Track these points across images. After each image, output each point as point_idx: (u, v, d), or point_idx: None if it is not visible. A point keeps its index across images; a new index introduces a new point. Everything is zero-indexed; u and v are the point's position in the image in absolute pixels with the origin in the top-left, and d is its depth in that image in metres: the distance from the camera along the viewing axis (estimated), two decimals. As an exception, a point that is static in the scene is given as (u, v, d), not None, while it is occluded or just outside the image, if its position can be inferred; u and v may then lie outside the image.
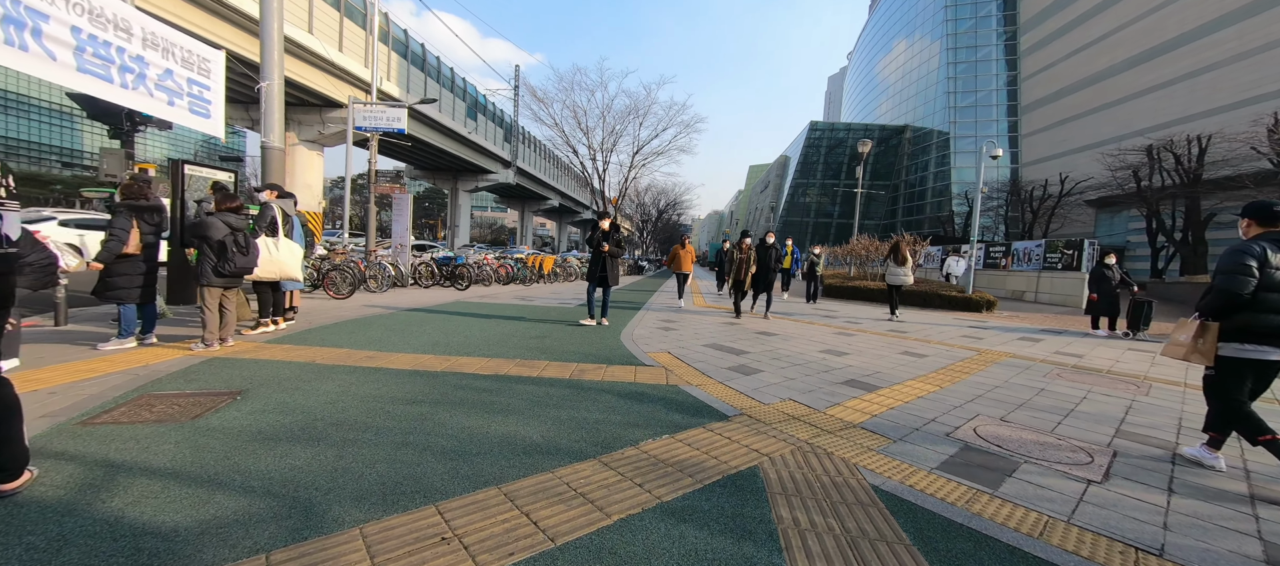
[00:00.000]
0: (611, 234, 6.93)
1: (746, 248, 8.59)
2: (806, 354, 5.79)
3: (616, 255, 7.01)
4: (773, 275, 8.85)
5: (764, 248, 8.77)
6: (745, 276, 8.54)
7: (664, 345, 5.90)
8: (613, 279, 7.04)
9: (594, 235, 7.00)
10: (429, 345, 5.27)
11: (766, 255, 8.70)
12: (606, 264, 6.92)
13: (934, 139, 50.92)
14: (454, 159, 36.92)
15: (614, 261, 7.04)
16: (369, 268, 10.08)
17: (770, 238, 8.88)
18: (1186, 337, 2.96)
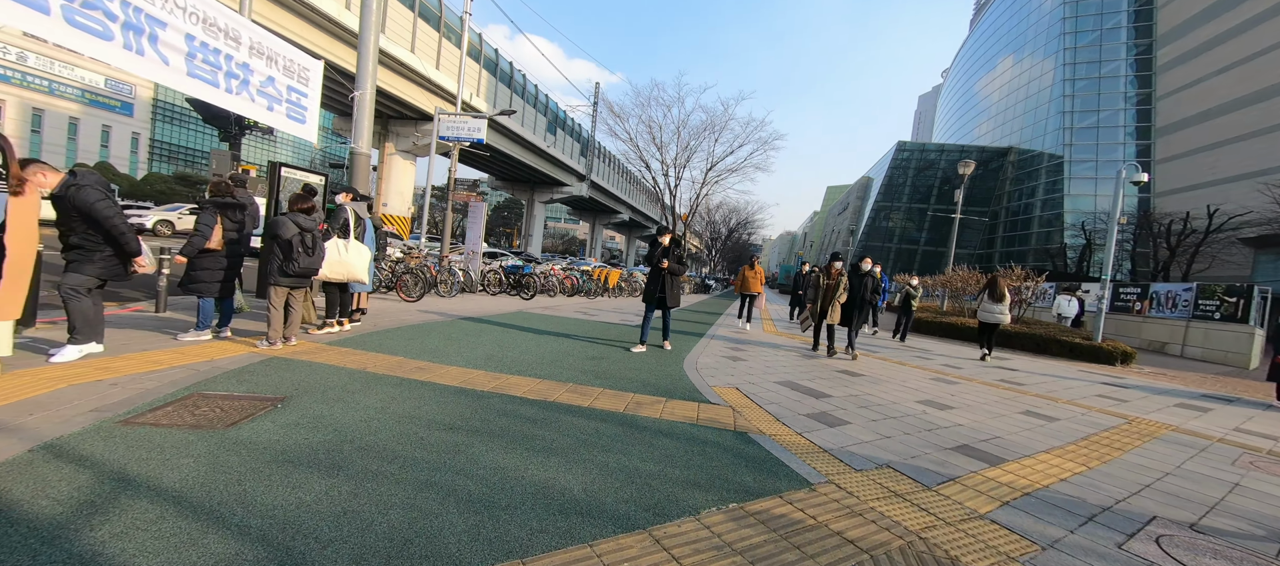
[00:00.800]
0: (673, 250, 6.30)
1: (836, 273, 7.37)
2: (901, 403, 4.92)
3: (678, 273, 6.36)
4: (866, 307, 7.74)
5: (857, 274, 7.69)
6: (831, 306, 7.28)
7: (731, 379, 5.28)
8: (673, 300, 6.37)
9: (654, 251, 6.37)
10: (483, 359, 5.04)
11: (860, 283, 7.59)
12: (666, 283, 6.28)
13: (1044, 162, 45.81)
14: (531, 171, 38.38)
15: (675, 281, 6.39)
16: (440, 273, 10.32)
17: (867, 263, 7.82)
18: None
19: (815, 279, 7.58)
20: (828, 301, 7.29)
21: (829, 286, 7.34)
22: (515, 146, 33.02)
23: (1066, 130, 43.61)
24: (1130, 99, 41.62)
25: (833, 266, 7.43)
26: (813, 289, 7.57)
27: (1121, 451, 4.08)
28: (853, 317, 7.57)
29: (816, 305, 7.44)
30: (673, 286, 6.32)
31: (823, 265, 7.83)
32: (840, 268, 7.40)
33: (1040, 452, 3.80)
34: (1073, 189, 42.18)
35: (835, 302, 7.20)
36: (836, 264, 7.42)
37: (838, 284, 7.28)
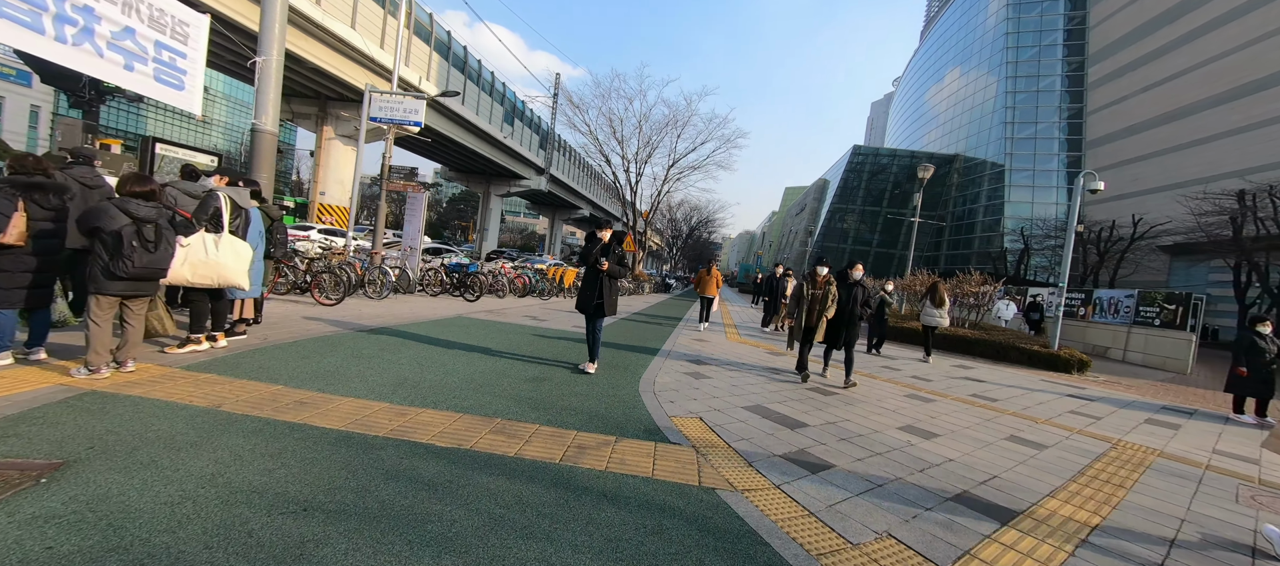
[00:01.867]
0: (612, 248, 5.28)
1: (822, 281, 6.15)
2: (883, 431, 4.35)
3: (618, 276, 5.30)
4: (857, 324, 6.33)
5: (846, 284, 6.31)
6: (818, 321, 6.06)
7: (694, 405, 4.57)
8: (609, 308, 5.30)
9: (590, 248, 5.23)
10: (391, 386, 4.10)
11: (849, 295, 6.23)
12: (604, 288, 5.19)
13: (987, 170, 48.12)
14: (487, 163, 36.69)
15: (614, 285, 5.33)
16: (369, 271, 9.14)
17: (857, 271, 6.41)
18: None
19: (797, 289, 6.36)
20: (814, 316, 6.10)
21: (814, 297, 6.14)
22: (469, 136, 31.32)
23: (1007, 140, 45.89)
24: (1064, 112, 44.23)
25: (818, 274, 6.21)
26: (794, 300, 6.32)
27: (1123, 488, 3.64)
28: (841, 336, 6.24)
29: (799, 320, 6.18)
30: (611, 291, 5.28)
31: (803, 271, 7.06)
32: (826, 275, 6.20)
33: (1045, 499, 3.28)
34: (1012, 196, 44.45)
35: (823, 317, 6.05)
36: (821, 270, 6.21)
37: (825, 295, 6.05)
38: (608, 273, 5.18)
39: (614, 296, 5.37)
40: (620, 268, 5.32)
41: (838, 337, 6.27)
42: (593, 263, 5.17)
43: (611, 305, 5.30)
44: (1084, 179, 10.07)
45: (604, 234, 5.32)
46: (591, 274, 5.24)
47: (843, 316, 6.21)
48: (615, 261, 5.26)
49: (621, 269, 5.33)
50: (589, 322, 5.45)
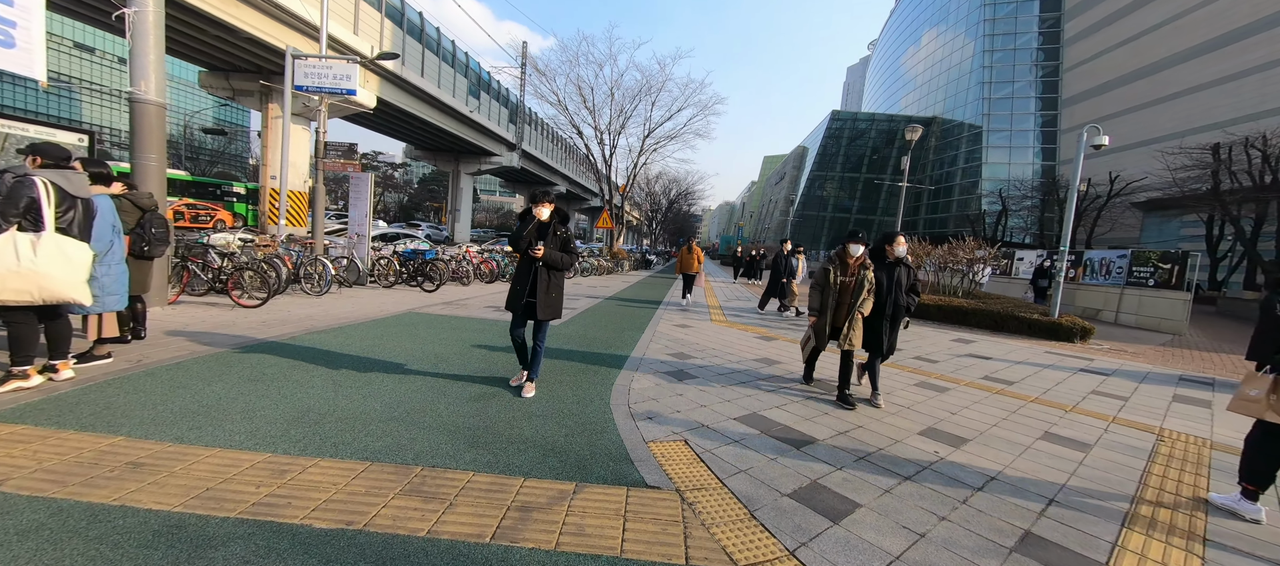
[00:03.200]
0: (554, 229, 3.99)
1: (856, 264, 4.46)
2: (904, 440, 3.61)
3: (562, 266, 4.03)
4: (901, 316, 4.57)
5: (885, 265, 4.53)
6: (850, 320, 4.40)
7: (677, 421, 3.74)
8: (548, 309, 3.97)
9: (523, 228, 3.96)
10: (287, 421, 3.16)
11: (891, 282, 4.46)
12: (539, 282, 3.91)
13: (964, 133, 47.92)
14: (454, 139, 34.82)
15: (556, 278, 4.04)
16: (304, 264, 8.03)
17: (900, 244, 4.55)
18: (1258, 392, 2.78)
19: (820, 275, 4.57)
20: (844, 314, 4.44)
21: (846, 286, 4.44)
22: (432, 110, 29.42)
23: (985, 100, 45.63)
24: (1041, 70, 43.99)
25: (850, 253, 4.44)
26: (816, 291, 4.60)
27: (1200, 509, 2.97)
28: (883, 339, 4.47)
29: (825, 318, 4.52)
30: (550, 286, 3.97)
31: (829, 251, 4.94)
32: (862, 255, 4.47)
33: (1126, 531, 2.57)
34: (990, 157, 44.43)
35: (856, 314, 4.37)
36: (856, 249, 4.43)
37: (860, 282, 4.37)
38: (545, 261, 3.90)
39: (556, 294, 4.03)
40: (565, 255, 4.02)
41: (880, 342, 4.46)
42: (525, 248, 3.89)
43: (550, 305, 3.98)
44: (1087, 132, 9.42)
45: (541, 209, 3.94)
46: (524, 263, 3.97)
47: (883, 312, 4.44)
48: (557, 247, 3.97)
49: (566, 257, 4.02)
50: (516, 325, 4.04)
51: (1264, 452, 2.81)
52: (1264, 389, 2.75)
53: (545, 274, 3.95)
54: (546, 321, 4.08)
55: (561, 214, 4.04)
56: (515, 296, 3.97)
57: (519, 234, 3.95)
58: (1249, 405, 2.81)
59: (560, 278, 4.10)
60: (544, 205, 3.97)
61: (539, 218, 3.96)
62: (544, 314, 3.98)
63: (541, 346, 4.16)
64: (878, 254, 4.63)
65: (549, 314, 4.00)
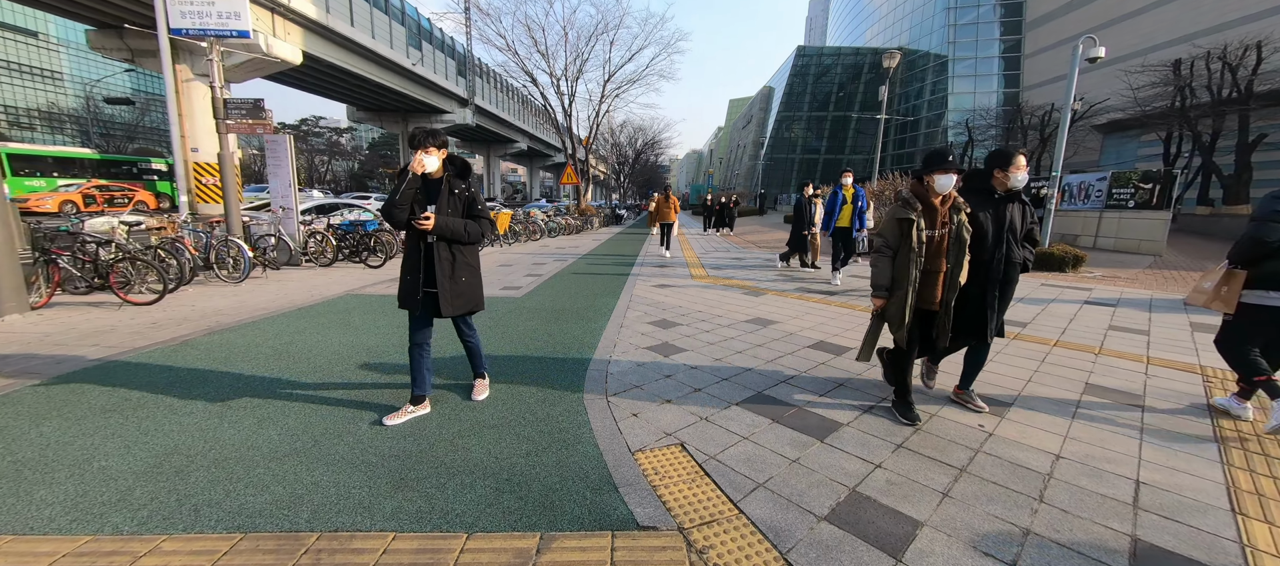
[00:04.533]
0: (451, 184, 2.78)
1: (949, 209, 2.72)
2: (940, 411, 2.99)
3: (465, 238, 2.80)
4: (1015, 280, 2.95)
5: (995, 200, 2.83)
6: (948, 296, 2.80)
7: (668, 415, 3.02)
8: (460, 299, 2.85)
9: (401, 186, 2.67)
10: (128, 481, 2.29)
11: (1004, 225, 2.79)
12: (437, 266, 2.75)
13: (930, 63, 47.22)
14: (399, 97, 32.17)
15: (462, 258, 2.84)
16: (215, 247, 6.84)
17: (1018, 168, 2.76)
18: (1211, 285, 3.03)
19: (894, 224, 2.79)
20: (940, 287, 2.78)
21: (937, 243, 2.73)
22: (368, 64, 26.75)
23: (950, 27, 44.77)
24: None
25: (934, 188, 2.70)
26: (888, 256, 2.83)
27: (1307, 470, 2.46)
28: (989, 318, 2.90)
29: (905, 299, 2.76)
30: (457, 268, 2.80)
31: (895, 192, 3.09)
32: (953, 193, 2.74)
33: (1254, 533, 2.01)
34: (956, 87, 44.08)
35: (953, 281, 2.77)
36: (944, 180, 2.67)
37: (956, 235, 2.71)
38: (438, 234, 2.70)
39: (467, 277, 2.86)
40: (471, 222, 2.80)
41: (984, 323, 2.88)
42: (403, 213, 2.65)
43: (461, 294, 2.82)
44: (1082, 44, 8.77)
45: (424, 158, 2.63)
46: (413, 240, 2.79)
47: (990, 275, 2.81)
48: (459, 210, 2.76)
49: (473, 224, 2.80)
50: (417, 329, 2.88)
51: (1231, 347, 3.04)
52: (1215, 281, 3.02)
53: (446, 252, 2.76)
54: (468, 316, 3.01)
55: (459, 164, 2.84)
56: (407, 289, 2.79)
57: (394, 198, 2.63)
58: (1199, 295, 3.11)
59: (471, 254, 2.90)
60: (429, 151, 2.64)
61: (420, 171, 2.63)
62: (453, 308, 2.81)
63: (475, 340, 3.15)
64: (975, 185, 2.89)
65: (462, 306, 2.86)
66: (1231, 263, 2.94)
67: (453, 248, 2.79)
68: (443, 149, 2.76)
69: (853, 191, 7.63)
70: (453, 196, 2.76)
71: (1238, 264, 2.90)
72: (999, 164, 2.82)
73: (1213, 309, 3.00)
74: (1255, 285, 2.85)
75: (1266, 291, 2.82)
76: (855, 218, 7.63)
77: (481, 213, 2.85)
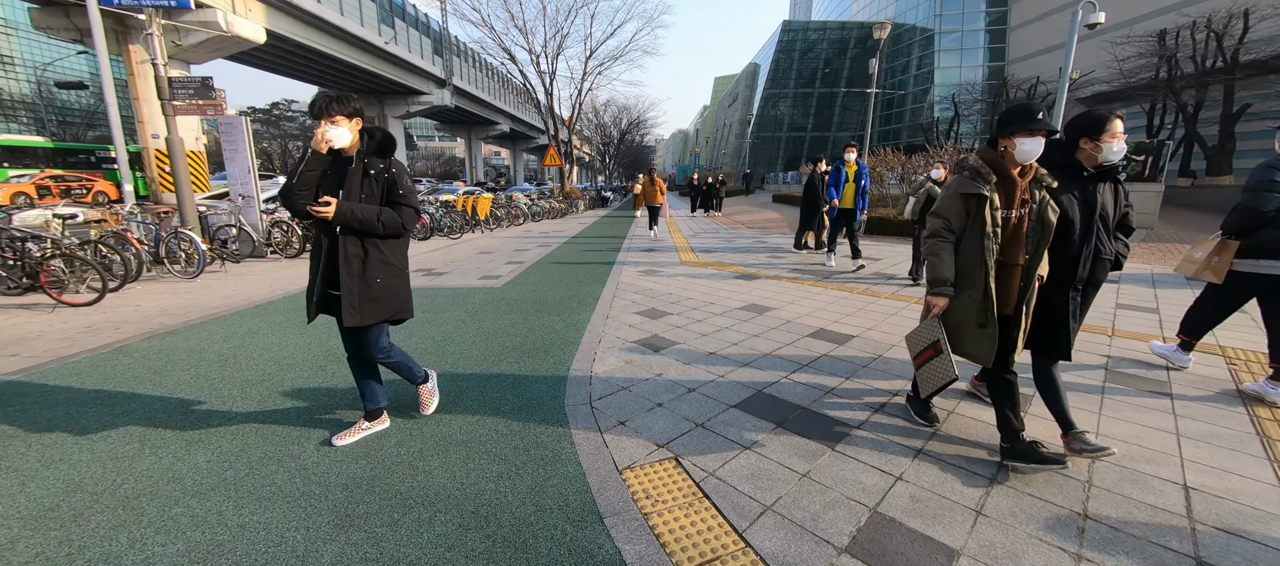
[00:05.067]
0: (362, 169, 2.21)
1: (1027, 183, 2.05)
2: (960, 409, 2.72)
3: (380, 231, 2.22)
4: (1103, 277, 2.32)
5: (1082, 179, 2.14)
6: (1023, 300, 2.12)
7: (660, 424, 2.69)
8: (366, 306, 2.25)
9: (300, 168, 2.11)
10: (13, 529, 1.91)
11: (1094, 209, 2.14)
12: (341, 264, 2.19)
13: (916, 37, 46.75)
14: (373, 77, 30.92)
15: (376, 255, 2.26)
16: (165, 240, 6.31)
17: (1113, 135, 2.06)
18: (1202, 255, 3.04)
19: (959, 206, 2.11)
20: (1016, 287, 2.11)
21: (1014, 226, 2.05)
22: (339, 44, 25.54)
23: (936, 0, 44.21)
24: (991, -36, 42.65)
25: (1015, 156, 2.00)
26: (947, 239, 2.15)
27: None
28: (1070, 326, 2.22)
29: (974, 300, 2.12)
30: (368, 268, 2.25)
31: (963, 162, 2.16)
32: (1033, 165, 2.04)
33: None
34: (942, 61, 43.77)
35: (1031, 277, 2.09)
36: (1029, 145, 1.95)
37: (1041, 217, 2.03)
38: (341, 224, 2.16)
39: (383, 279, 2.28)
40: (389, 211, 2.23)
41: (1065, 334, 2.23)
42: (301, 204, 2.14)
43: (374, 300, 2.26)
44: (1082, 10, 8.47)
45: (327, 131, 2.09)
46: (319, 236, 2.26)
47: (1075, 272, 2.17)
48: (377, 195, 2.22)
49: (392, 214, 2.24)
50: (352, 344, 2.42)
51: (1204, 314, 3.21)
52: (1206, 251, 3.04)
53: (355, 246, 2.20)
54: (373, 328, 2.34)
55: (380, 139, 2.27)
56: (309, 293, 2.32)
57: (292, 181, 2.10)
58: (1190, 265, 3.11)
59: (393, 250, 2.31)
60: (336, 120, 2.09)
61: (324, 147, 2.07)
62: (360, 314, 2.21)
63: (392, 356, 2.52)
64: (1054, 160, 2.16)
65: (375, 314, 2.26)
66: (1225, 233, 2.97)
67: (365, 242, 2.24)
68: (355, 119, 2.20)
69: (856, 168, 6.96)
70: (367, 179, 2.22)
71: (1232, 234, 2.93)
72: (1087, 131, 2.11)
73: (1202, 278, 3.05)
74: (1248, 254, 2.89)
75: (1258, 260, 2.86)
76: (858, 197, 6.97)
77: (404, 199, 2.27)
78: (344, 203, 2.15)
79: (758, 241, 10.34)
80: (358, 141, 2.24)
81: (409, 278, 2.47)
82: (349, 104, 2.17)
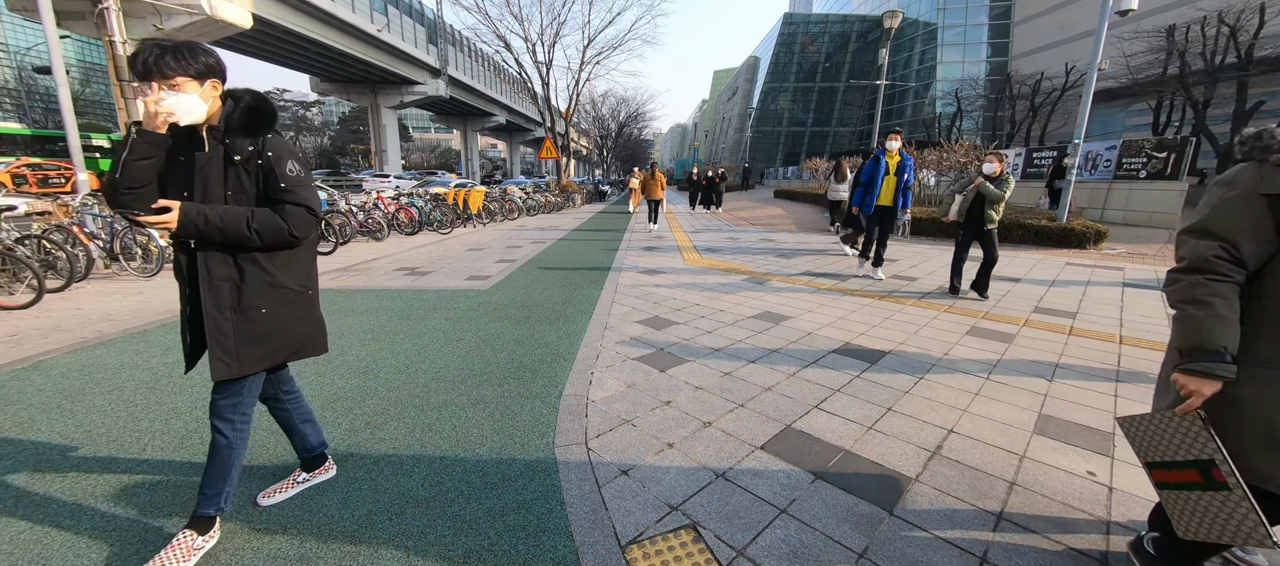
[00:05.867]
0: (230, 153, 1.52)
1: None
2: (1034, 451, 2.24)
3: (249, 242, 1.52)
4: None
5: None
6: None
7: (671, 477, 2.20)
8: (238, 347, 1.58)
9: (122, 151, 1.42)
10: None
11: None
12: (201, 284, 1.53)
13: (919, 31, 46.16)
14: (366, 66, 30.21)
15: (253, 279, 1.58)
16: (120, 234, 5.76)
17: None
18: None
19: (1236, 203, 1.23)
20: None
21: None
22: (329, 31, 24.80)
23: (940, -7, 43.63)
24: (995, -42, 42.07)
25: None
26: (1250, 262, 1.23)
27: None
28: None
29: None
30: (244, 298, 1.58)
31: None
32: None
33: None
34: (944, 56, 43.24)
35: None
36: None
37: None
38: (185, 234, 1.49)
39: (272, 307, 1.62)
40: (267, 215, 1.53)
41: None
42: (125, 203, 1.46)
43: (258, 339, 1.61)
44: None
45: (160, 99, 1.40)
46: (175, 253, 1.62)
47: None
48: (245, 191, 1.55)
49: (269, 218, 1.53)
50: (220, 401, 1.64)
51: None
52: None
53: (224, 267, 1.55)
54: (234, 381, 1.63)
55: (247, 105, 1.57)
56: (184, 331, 1.67)
57: (114, 174, 1.42)
58: None
59: (284, 268, 1.65)
60: (177, 82, 1.43)
61: (159, 124, 1.42)
62: (233, 362, 1.57)
63: (299, 409, 1.97)
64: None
65: (258, 359, 1.63)
66: None
67: (238, 258, 1.55)
68: (209, 80, 1.49)
69: (899, 159, 5.71)
70: (232, 168, 1.52)
71: None
72: None
73: None
74: None
75: None
76: (899, 194, 5.77)
77: (288, 194, 1.55)
78: (193, 206, 1.45)
79: (764, 240, 9.85)
80: (218, 112, 1.53)
81: (317, 299, 1.83)
82: (196, 58, 1.46)
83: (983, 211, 4.91)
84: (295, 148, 1.66)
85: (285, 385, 1.96)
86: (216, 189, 1.52)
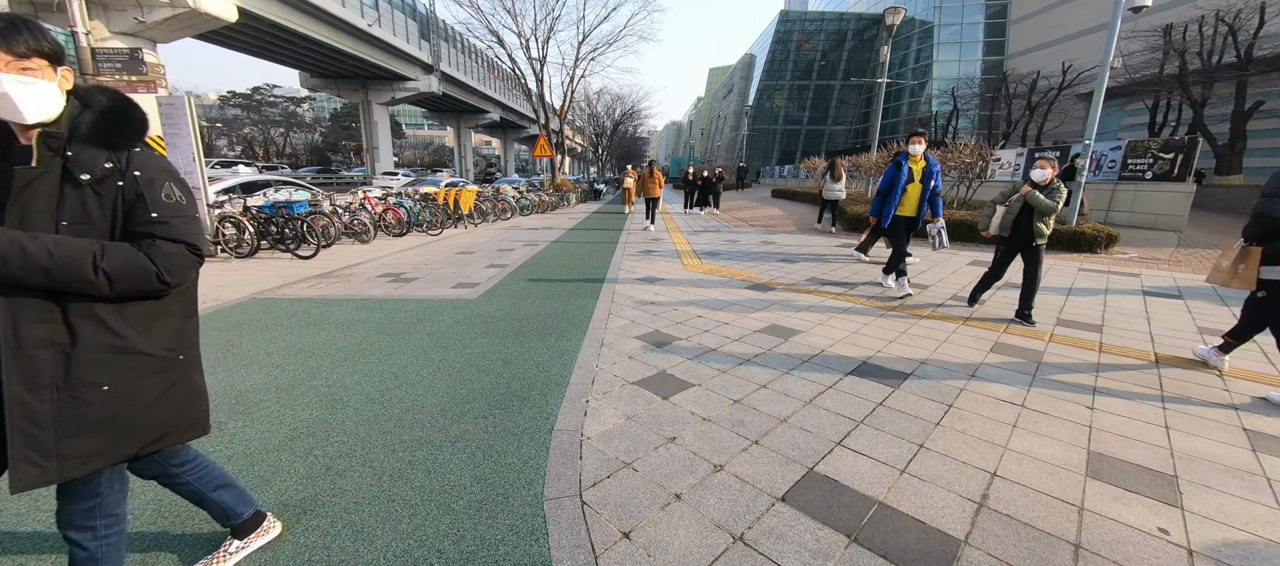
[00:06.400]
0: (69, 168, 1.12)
1: None
2: (1096, 501, 1.95)
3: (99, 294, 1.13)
4: None
5: None
6: None
7: (677, 517, 1.89)
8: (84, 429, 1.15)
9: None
10: None
11: None
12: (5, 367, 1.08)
13: (915, 29, 46.02)
14: (356, 62, 29.64)
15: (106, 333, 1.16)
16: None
17: None
18: (1228, 263, 3.01)
19: None
20: None
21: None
22: (318, 25, 24.25)
23: (936, -8, 43.52)
24: (991, -44, 41.98)
25: None
26: None
27: None
28: None
29: None
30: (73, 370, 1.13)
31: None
32: None
33: None
34: (941, 54, 43.14)
35: None
36: None
37: None
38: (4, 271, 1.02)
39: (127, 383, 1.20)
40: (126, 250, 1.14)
41: None
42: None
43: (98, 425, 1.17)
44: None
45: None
46: None
47: None
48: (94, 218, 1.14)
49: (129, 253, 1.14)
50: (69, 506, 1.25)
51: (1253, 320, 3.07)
52: (1232, 258, 3.01)
53: (42, 327, 1.11)
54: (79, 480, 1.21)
55: (103, 108, 1.18)
56: None
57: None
58: (1219, 275, 3.08)
59: (150, 325, 1.24)
60: (33, 61, 1.09)
61: None
62: (51, 464, 1.12)
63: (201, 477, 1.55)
64: None
65: (85, 458, 1.17)
66: (1246, 240, 2.94)
67: (69, 314, 1.13)
68: (59, 66, 1.15)
69: (924, 165, 5.12)
70: (75, 190, 1.13)
71: (1252, 240, 2.91)
72: None
73: (1234, 287, 2.99)
74: (1273, 261, 2.85)
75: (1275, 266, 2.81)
76: (924, 201, 5.16)
77: (164, 226, 1.19)
78: (6, 232, 1.04)
79: (764, 243, 9.55)
80: (64, 112, 1.15)
81: (195, 362, 1.39)
82: (47, 35, 1.11)
83: (1031, 225, 4.24)
84: (173, 167, 1.28)
85: (176, 457, 1.46)
86: (41, 218, 1.09)
